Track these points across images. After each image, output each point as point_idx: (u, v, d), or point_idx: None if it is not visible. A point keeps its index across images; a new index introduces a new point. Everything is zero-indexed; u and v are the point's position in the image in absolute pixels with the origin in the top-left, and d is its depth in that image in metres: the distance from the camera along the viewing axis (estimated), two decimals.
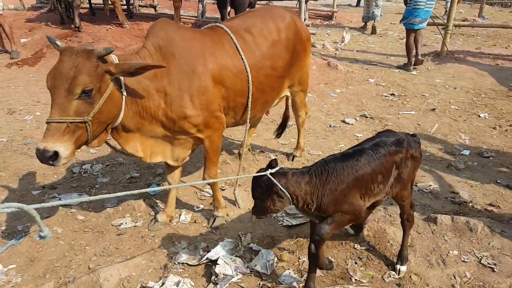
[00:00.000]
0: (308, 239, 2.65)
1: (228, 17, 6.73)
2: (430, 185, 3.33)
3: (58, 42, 2.08)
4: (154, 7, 11.14)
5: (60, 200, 3.21)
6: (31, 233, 2.83)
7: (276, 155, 3.99)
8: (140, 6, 10.85)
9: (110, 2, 8.54)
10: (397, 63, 7.57)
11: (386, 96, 5.84)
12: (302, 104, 3.59)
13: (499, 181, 3.42)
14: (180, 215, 2.98)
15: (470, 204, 3.05)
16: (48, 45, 7.82)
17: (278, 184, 1.88)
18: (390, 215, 2.89)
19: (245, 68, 2.67)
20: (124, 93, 2.21)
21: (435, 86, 6.21)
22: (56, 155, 1.93)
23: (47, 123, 1.96)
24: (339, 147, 4.18)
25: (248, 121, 2.93)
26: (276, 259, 2.47)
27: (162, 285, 2.24)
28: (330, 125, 4.79)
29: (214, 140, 2.67)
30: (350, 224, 2.43)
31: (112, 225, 2.92)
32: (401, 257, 2.32)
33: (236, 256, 2.47)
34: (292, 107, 3.66)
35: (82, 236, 2.81)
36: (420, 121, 4.85)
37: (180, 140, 2.60)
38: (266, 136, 4.24)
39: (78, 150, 2.16)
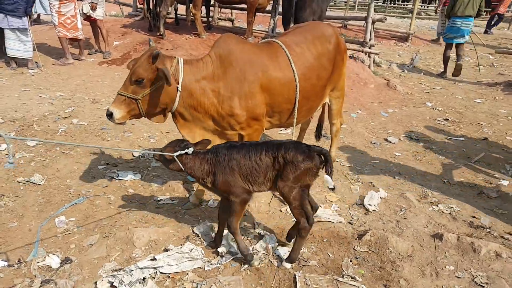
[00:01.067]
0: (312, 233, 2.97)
1: None
2: (452, 207, 3.38)
3: (151, 43, 2.97)
4: (232, 21, 12.09)
5: (118, 175, 3.93)
6: (91, 197, 3.54)
7: None
8: (219, 19, 11.88)
9: (191, 14, 9.56)
10: (464, 90, 7.35)
11: (439, 120, 5.79)
12: (339, 112, 3.90)
13: None
14: (209, 200, 3.46)
15: (488, 230, 3.07)
16: (135, 49, 9.05)
17: (180, 164, 2.52)
18: (400, 228, 3.06)
19: (295, 78, 3.08)
20: (179, 88, 2.82)
21: (497, 116, 5.98)
22: (111, 115, 2.78)
23: (117, 93, 2.81)
24: (372, 163, 4.35)
25: (294, 125, 3.33)
26: (277, 244, 2.82)
27: (180, 248, 2.73)
28: (371, 142, 4.96)
29: (253, 139, 3.11)
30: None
31: (153, 199, 3.51)
32: (290, 257, 2.61)
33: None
34: (328, 115, 3.97)
35: (129, 205, 3.43)
36: (466, 148, 4.79)
37: (226, 135, 3.10)
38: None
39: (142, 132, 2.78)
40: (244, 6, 9.52)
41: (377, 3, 26.28)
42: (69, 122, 5.23)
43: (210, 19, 11.05)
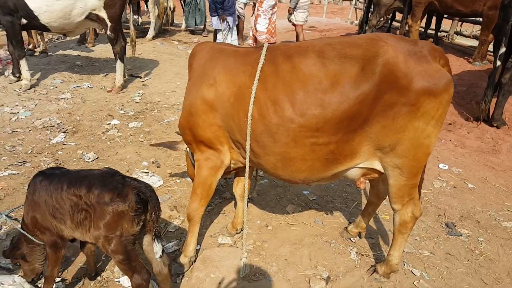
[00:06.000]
0: None
1: None
2: None
3: None
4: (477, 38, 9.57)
5: None
6: None
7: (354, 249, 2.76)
8: (456, 34, 9.57)
9: (407, 25, 8.14)
10: None
11: None
12: (400, 192, 2.27)
13: None
14: None
15: None
16: None
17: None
18: None
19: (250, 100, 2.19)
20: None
21: None
22: None
23: None
24: None
25: (247, 170, 2.43)
26: None
27: None
28: None
29: (201, 168, 2.54)
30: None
31: None
32: None
33: None
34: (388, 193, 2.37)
35: None
36: None
37: None
38: None
39: None
40: None
41: None
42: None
43: (440, 33, 9.14)
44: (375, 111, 2.02)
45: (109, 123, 4.94)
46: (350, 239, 2.95)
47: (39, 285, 2.36)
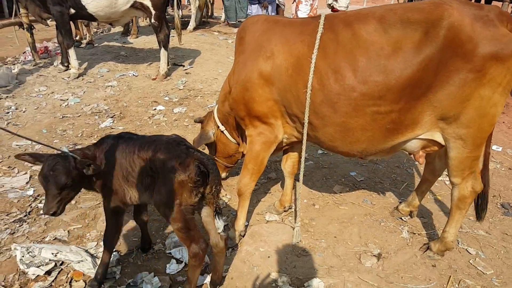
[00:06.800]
0: None
1: None
2: None
3: None
4: None
5: None
6: None
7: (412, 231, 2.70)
8: None
9: None
10: None
11: None
12: (462, 165, 2.20)
13: None
14: None
15: None
16: None
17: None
18: None
19: (310, 70, 2.17)
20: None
21: None
22: None
23: None
24: None
25: (305, 143, 2.41)
26: None
27: None
28: None
29: (253, 144, 2.55)
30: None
31: None
32: None
33: None
34: (447, 166, 2.30)
35: None
36: None
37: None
38: None
39: None
40: None
41: None
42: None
43: None
44: (439, 78, 1.97)
45: (155, 109, 5.10)
46: (401, 218, 2.90)
47: (94, 255, 2.49)
